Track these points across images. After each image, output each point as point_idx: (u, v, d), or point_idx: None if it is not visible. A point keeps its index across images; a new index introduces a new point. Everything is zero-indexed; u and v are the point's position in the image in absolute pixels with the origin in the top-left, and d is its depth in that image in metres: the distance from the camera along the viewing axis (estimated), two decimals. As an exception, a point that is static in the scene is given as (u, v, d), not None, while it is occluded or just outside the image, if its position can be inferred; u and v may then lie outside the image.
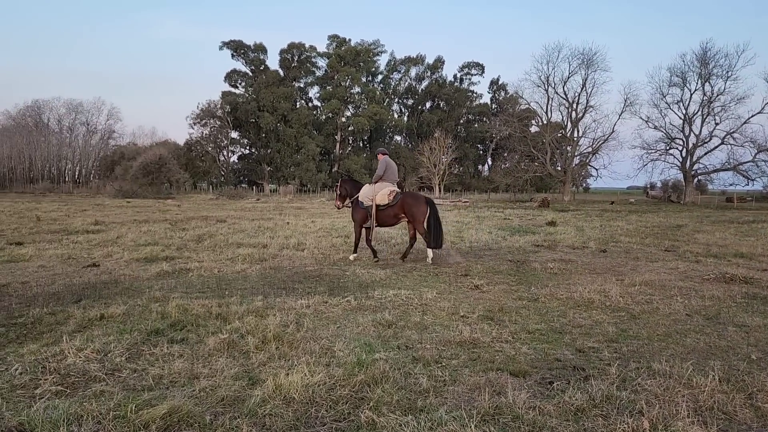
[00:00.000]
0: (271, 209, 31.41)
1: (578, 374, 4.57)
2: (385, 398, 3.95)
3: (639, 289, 8.26)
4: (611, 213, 32.56)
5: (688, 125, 56.46)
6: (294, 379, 4.10)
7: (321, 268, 9.87)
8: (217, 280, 8.62)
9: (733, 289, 8.43)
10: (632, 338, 5.73)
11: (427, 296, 7.47)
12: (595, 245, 13.94)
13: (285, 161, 79.66)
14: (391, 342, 5.41)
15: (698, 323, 6.39)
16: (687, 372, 4.41)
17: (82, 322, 5.89)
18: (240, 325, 5.73)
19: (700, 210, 39.81)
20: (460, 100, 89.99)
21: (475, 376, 4.47)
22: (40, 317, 6.10)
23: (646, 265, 11.01)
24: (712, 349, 5.37)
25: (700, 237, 16.89)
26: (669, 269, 10.44)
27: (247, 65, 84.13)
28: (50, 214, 23.13)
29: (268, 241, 13.54)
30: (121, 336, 5.33)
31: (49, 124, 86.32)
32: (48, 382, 4.16)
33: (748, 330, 6.09)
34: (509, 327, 6.04)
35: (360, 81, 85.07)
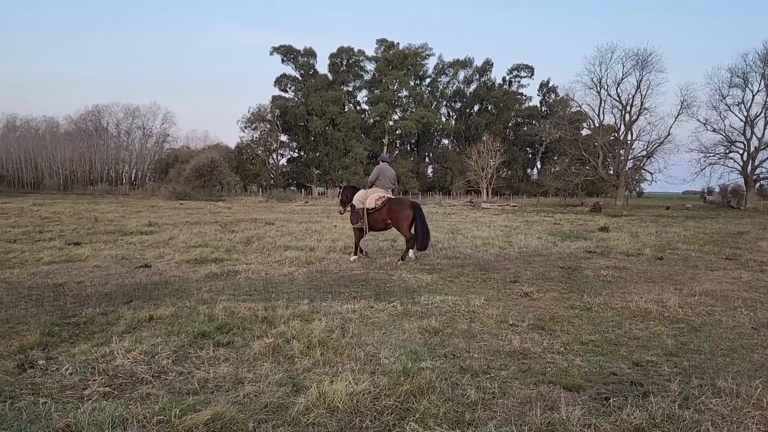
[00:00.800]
0: (318, 212, 31.63)
1: (636, 390, 4.32)
2: (431, 410, 3.82)
3: (699, 300, 7.86)
4: (667, 219, 31.44)
5: (750, 128, 54.12)
6: (338, 387, 4.01)
7: (367, 272, 9.80)
8: (264, 283, 8.65)
9: (803, 301, 7.92)
10: (693, 352, 5.42)
11: (474, 303, 7.29)
12: (650, 252, 13.42)
13: (333, 164, 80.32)
14: (438, 350, 5.26)
15: (766, 338, 6.01)
16: (756, 391, 4.11)
17: (131, 323, 5.97)
18: (285, 329, 5.70)
19: (762, 216, 37.98)
20: (508, 102, 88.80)
21: (525, 389, 4.29)
22: (93, 317, 6.22)
23: (705, 274, 10.50)
24: (782, 367, 5.02)
25: (764, 245, 16.06)
26: (731, 279, 9.92)
27: (296, 70, 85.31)
28: (107, 215, 23.90)
29: (315, 244, 13.59)
30: (169, 338, 5.37)
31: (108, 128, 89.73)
32: (96, 383, 4.20)
33: (822, 346, 5.68)
34: (561, 337, 5.81)
35: (408, 84, 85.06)
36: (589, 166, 59.47)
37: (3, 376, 4.38)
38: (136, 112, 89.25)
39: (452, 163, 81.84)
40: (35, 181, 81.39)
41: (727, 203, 59.08)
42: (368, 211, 11.46)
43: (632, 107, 57.15)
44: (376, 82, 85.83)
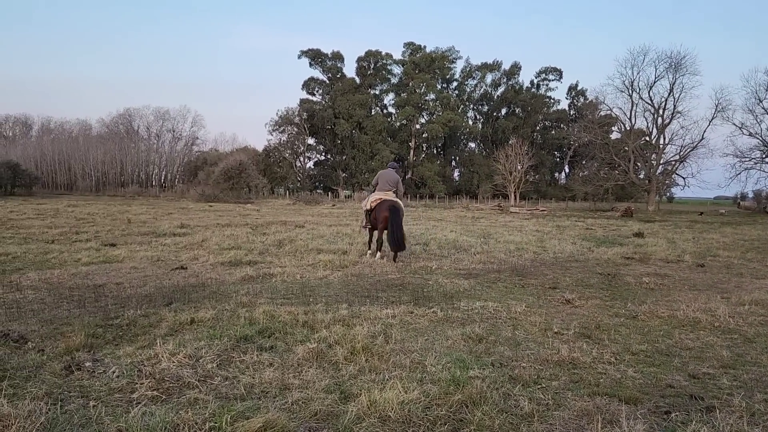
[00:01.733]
0: (347, 215, 31.65)
1: (697, 404, 4.14)
2: (486, 422, 3.69)
3: (749, 309, 7.59)
4: (702, 224, 30.73)
5: (788, 131, 52.64)
6: (389, 396, 3.91)
7: (403, 277, 9.69)
8: (301, 287, 8.60)
9: None
10: (751, 364, 5.20)
11: (515, 309, 7.13)
12: (690, 259, 13.07)
13: (359, 167, 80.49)
14: (484, 358, 5.13)
15: (825, 350, 5.74)
16: (827, 408, 3.90)
17: (173, 326, 5.96)
18: (327, 334, 5.61)
19: (801, 222, 36.92)
20: (536, 106, 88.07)
21: (580, 401, 4.13)
22: (135, 319, 6.22)
23: (751, 282, 10.17)
24: None
25: (808, 252, 15.55)
26: (780, 287, 9.59)
27: (324, 73, 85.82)
28: (139, 217, 24.22)
29: (347, 247, 13.53)
30: (212, 341, 5.33)
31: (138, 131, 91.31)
32: (144, 387, 4.17)
33: None
34: (610, 347, 5.63)
35: (434, 88, 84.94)
36: (620, 170, 58.60)
37: (51, 378, 4.38)
38: (166, 115, 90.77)
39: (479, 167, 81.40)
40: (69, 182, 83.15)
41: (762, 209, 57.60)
42: (367, 212, 12.55)
43: (665, 111, 56.22)
44: (403, 85, 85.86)
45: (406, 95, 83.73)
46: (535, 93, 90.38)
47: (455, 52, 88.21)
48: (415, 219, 28.81)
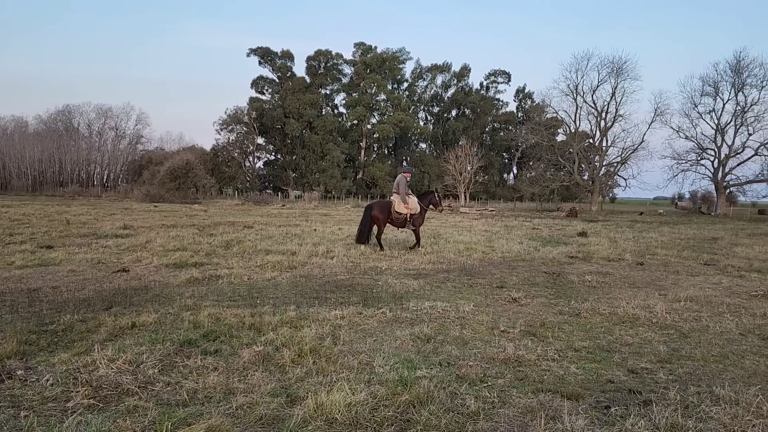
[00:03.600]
0: (296, 215, 31.37)
1: (636, 398, 4.28)
2: (432, 421, 3.71)
3: (685, 306, 7.91)
4: (642, 224, 31.87)
5: (721, 135, 55.32)
6: (336, 398, 3.88)
7: (352, 277, 9.66)
8: (248, 288, 8.46)
9: (785, 306, 8.01)
10: (686, 359, 5.41)
11: (464, 309, 7.21)
12: (631, 257, 13.52)
13: (310, 167, 79.93)
14: (432, 358, 5.17)
15: (754, 343, 6.04)
16: (756, 399, 4.09)
17: (113, 331, 5.75)
18: (274, 336, 5.54)
19: (733, 222, 38.79)
20: (485, 108, 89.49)
21: (525, 398, 4.21)
22: (71, 324, 5.98)
23: (687, 279, 10.61)
24: (774, 373, 5.03)
25: (739, 250, 16.33)
26: (712, 284, 10.03)
27: (273, 72, 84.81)
28: (79, 218, 23.33)
29: (296, 248, 13.39)
30: (154, 346, 5.18)
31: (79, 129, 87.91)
32: (80, 395, 4.00)
33: (810, 352, 5.72)
34: (554, 344, 5.76)
35: (385, 88, 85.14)
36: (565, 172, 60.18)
37: (-21, 387, 4.16)
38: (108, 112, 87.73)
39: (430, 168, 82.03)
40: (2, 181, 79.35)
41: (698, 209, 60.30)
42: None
43: (607, 114, 58.09)
44: (354, 85, 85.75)
45: (357, 95, 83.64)
46: (485, 95, 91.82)
47: (406, 53, 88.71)
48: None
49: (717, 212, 54.29)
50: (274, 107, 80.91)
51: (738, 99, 54.18)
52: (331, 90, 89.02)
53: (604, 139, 58.98)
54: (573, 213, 42.49)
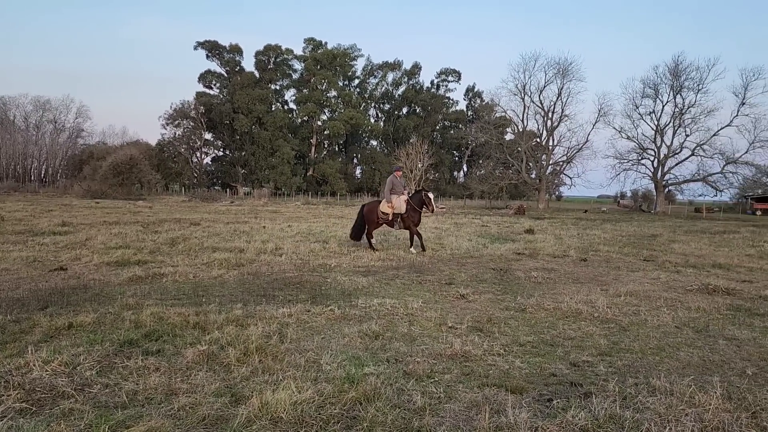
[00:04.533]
0: (245, 212, 30.89)
1: (577, 391, 4.38)
2: (379, 418, 3.70)
3: (625, 300, 8.17)
4: (586, 221, 32.82)
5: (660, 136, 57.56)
6: (281, 397, 3.83)
7: (301, 275, 9.58)
8: (193, 287, 8.27)
9: (717, 300, 8.39)
10: (625, 351, 5.58)
11: (412, 305, 7.24)
12: (575, 254, 13.90)
13: (259, 164, 78.87)
14: (380, 355, 5.17)
15: (689, 336, 6.29)
16: (689, 389, 4.25)
17: (48, 332, 5.52)
18: (220, 335, 5.43)
19: (671, 220, 40.41)
20: (436, 106, 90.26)
21: (471, 393, 4.26)
22: (3, 325, 5.70)
23: (627, 274, 10.96)
24: (707, 364, 5.25)
25: (676, 247, 17.01)
26: (651, 279, 10.40)
27: (222, 66, 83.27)
28: (14, 214, 22.31)
29: (244, 245, 13.18)
30: (92, 347, 4.99)
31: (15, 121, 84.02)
32: (11, 399, 3.81)
33: (739, 343, 6.01)
34: (500, 339, 5.86)
35: (336, 85, 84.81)
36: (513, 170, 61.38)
37: None
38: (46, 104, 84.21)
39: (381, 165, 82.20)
40: (-70, 176, 75.18)
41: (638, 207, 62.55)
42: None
43: (554, 114, 59.57)
44: (305, 81, 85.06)
45: (307, 91, 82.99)
46: (435, 93, 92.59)
47: (357, 50, 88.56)
48: (316, 216, 28.64)
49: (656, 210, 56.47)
50: (222, 102, 79.43)
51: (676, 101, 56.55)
52: (281, 86, 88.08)
53: (550, 138, 60.52)
54: (521, 211, 43.38)
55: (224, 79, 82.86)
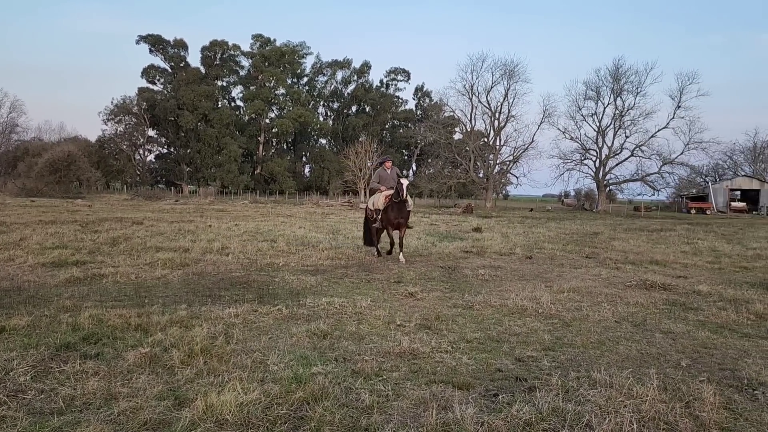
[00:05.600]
0: (191, 211, 30.21)
1: (522, 385, 4.47)
2: (326, 417, 3.68)
3: (568, 296, 8.39)
4: (531, 220, 33.60)
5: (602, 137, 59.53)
6: (226, 398, 3.76)
7: (248, 274, 9.43)
8: (135, 287, 8.03)
9: (654, 295, 8.71)
10: (568, 346, 5.73)
11: (361, 304, 7.23)
12: (521, 252, 14.20)
13: (205, 162, 77.30)
14: (328, 354, 5.14)
15: (627, 330, 6.51)
16: (627, 382, 4.40)
17: (-22, 336, 5.25)
18: (163, 337, 5.29)
19: (612, 218, 41.84)
20: (385, 105, 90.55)
21: (418, 390, 4.28)
22: (-72, 330, 5.39)
23: (570, 271, 11.27)
24: (644, 357, 5.45)
25: (616, 244, 17.61)
26: (593, 276, 10.72)
27: (166, 61, 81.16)
28: (-57, 213, 21.16)
29: (189, 244, 12.89)
30: (26, 351, 4.78)
31: (-58, 115, 79.52)
32: (-64, 408, 3.61)
33: (674, 337, 6.25)
34: (447, 336, 5.92)
35: (285, 82, 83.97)
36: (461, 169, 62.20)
37: None
38: (-23, 98, 79.97)
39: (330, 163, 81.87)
40: None
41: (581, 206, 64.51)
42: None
43: (500, 114, 60.69)
44: (252, 78, 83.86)
45: (255, 89, 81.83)
46: (385, 92, 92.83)
47: (306, 47, 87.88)
48: (264, 215, 28.29)
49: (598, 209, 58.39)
50: (166, 98, 77.42)
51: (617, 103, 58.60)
52: (228, 82, 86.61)
53: (497, 138, 61.67)
54: (469, 209, 44.04)
55: (168, 75, 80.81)
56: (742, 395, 4.39)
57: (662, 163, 57.79)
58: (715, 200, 67.36)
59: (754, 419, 3.94)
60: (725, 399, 4.24)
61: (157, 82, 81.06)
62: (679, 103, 56.90)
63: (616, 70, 58.23)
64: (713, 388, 4.24)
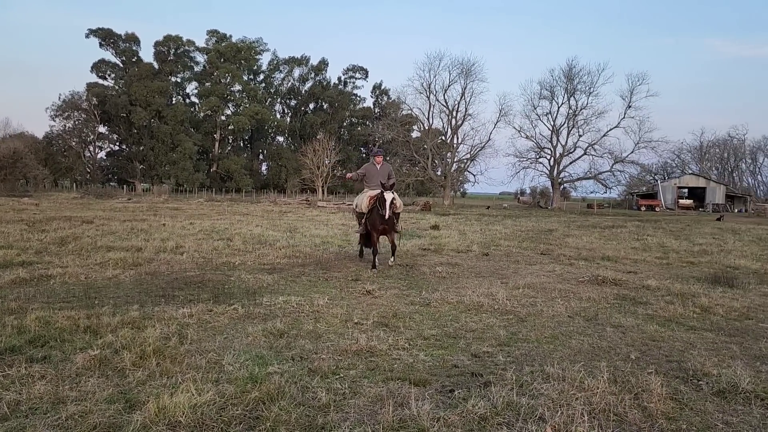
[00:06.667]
0: (144, 210, 29.49)
1: (477, 381, 4.53)
2: (282, 416, 3.65)
3: (523, 292, 8.53)
4: (488, 217, 34.04)
5: (556, 136, 60.85)
6: (179, 400, 3.68)
7: (203, 273, 9.27)
8: (85, 288, 7.80)
9: (605, 290, 8.95)
10: (523, 341, 5.83)
11: (318, 302, 7.20)
12: (478, 249, 14.37)
13: (159, 159, 75.63)
14: (285, 353, 5.10)
15: (580, 325, 6.66)
16: (579, 375, 4.50)
17: None
18: (113, 339, 5.15)
19: (566, 215, 42.76)
20: (343, 102, 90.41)
21: (375, 387, 4.29)
22: None
23: (526, 268, 11.47)
24: (595, 350, 5.59)
25: (570, 241, 18.00)
26: (547, 272, 10.94)
27: (117, 56, 79.12)
28: None
29: (142, 244, 12.58)
30: (-33, 356, 4.58)
31: None
32: None
33: (624, 330, 6.44)
34: (405, 333, 5.94)
35: (241, 79, 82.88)
36: (420, 167, 62.56)
37: None
38: None
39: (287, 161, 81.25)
40: None
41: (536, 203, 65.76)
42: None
43: (458, 113, 61.27)
44: (207, 74, 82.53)
45: (210, 85, 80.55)
46: (342, 90, 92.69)
47: (263, 44, 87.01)
48: (220, 214, 27.86)
49: (553, 206, 59.62)
50: (118, 94, 75.44)
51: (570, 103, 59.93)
52: (182, 78, 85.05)
53: (455, 136, 62.26)
54: (427, 207, 44.32)
55: (120, 70, 78.77)
56: (687, 386, 4.55)
57: (614, 162, 59.48)
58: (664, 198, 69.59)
59: (699, 409, 4.09)
60: (672, 390, 4.39)
61: (108, 77, 79.02)
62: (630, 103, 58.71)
63: (569, 70, 59.67)
64: (660, 380, 4.38)
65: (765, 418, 3.95)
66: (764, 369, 5.03)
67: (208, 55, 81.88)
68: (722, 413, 4.03)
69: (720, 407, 4.13)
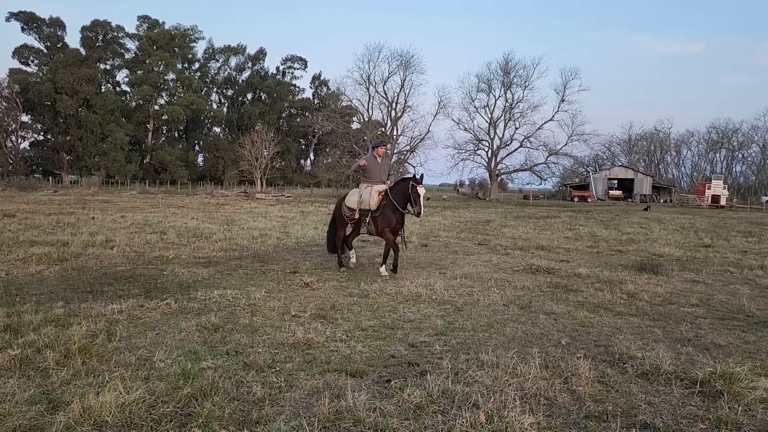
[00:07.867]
0: (71, 202, 28.21)
1: (414, 370, 4.57)
2: (215, 412, 3.57)
3: (460, 282, 8.67)
4: (428, 209, 34.36)
5: (493, 128, 62.04)
6: (106, 399, 3.54)
7: (134, 268, 8.96)
8: (5, 285, 7.39)
9: (539, 279, 9.21)
10: (459, 330, 5.93)
11: (255, 296, 7.08)
12: (417, 240, 14.50)
13: (88, 150, 72.47)
14: (219, 348, 4.99)
15: (514, 312, 6.83)
16: (512, 361, 4.62)
17: None
18: (36, 337, 4.90)
19: (503, 206, 43.74)
20: (282, 93, 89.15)
21: (312, 380, 4.26)
22: None
23: (463, 258, 11.66)
24: (529, 337, 5.74)
25: (506, 231, 18.43)
26: (484, 262, 11.15)
27: (41, 41, 75.19)
28: None
29: (69, 238, 12.03)
30: None
31: None
32: None
33: (556, 317, 6.64)
34: (342, 325, 5.93)
35: (175, 67, 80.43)
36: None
37: None
38: None
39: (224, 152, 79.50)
40: None
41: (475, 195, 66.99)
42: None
43: (397, 104, 61.53)
44: (139, 62, 79.59)
45: (142, 73, 77.69)
46: (281, 80, 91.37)
47: (198, 31, 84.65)
48: (154, 206, 26.98)
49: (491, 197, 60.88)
50: (42, 81, 71.67)
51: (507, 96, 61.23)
52: (112, 66, 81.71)
53: (394, 128, 62.47)
54: (366, 199, 44.32)
55: (44, 56, 74.87)
56: (614, 369, 4.74)
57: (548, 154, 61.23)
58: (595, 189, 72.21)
59: (624, 390, 4.27)
60: (599, 373, 4.56)
61: (31, 63, 74.96)
62: (563, 97, 60.47)
63: (506, 64, 60.90)
64: (589, 364, 4.55)
65: (684, 398, 4.16)
66: (684, 351, 5.30)
67: (140, 42, 78.92)
68: (645, 394, 4.22)
69: (643, 388, 4.32)
